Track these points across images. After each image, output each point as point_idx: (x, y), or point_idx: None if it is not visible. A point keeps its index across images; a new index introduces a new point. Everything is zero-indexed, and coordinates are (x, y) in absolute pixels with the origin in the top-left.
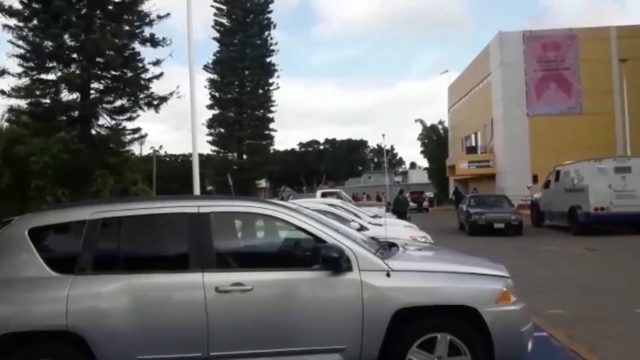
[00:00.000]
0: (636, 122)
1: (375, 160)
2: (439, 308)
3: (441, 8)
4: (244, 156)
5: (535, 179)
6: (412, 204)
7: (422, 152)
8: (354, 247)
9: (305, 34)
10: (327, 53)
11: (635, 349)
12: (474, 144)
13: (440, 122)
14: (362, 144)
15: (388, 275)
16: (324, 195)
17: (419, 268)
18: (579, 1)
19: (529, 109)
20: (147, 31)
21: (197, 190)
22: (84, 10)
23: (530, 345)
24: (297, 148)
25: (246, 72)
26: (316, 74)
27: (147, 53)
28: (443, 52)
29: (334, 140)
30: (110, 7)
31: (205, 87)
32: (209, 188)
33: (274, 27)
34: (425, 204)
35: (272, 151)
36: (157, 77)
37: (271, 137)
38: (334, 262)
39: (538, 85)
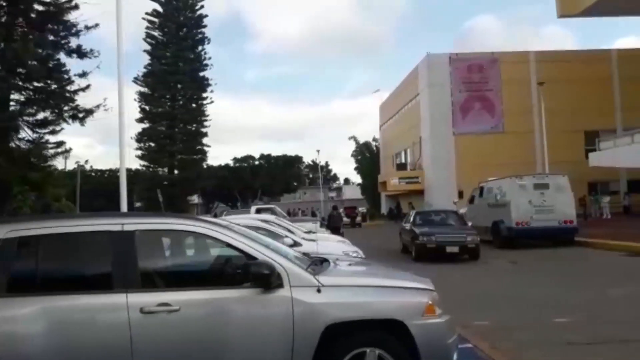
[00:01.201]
0: (553, 141)
1: (311, 176)
2: (368, 322)
3: (372, 29)
4: (175, 171)
5: (460, 194)
6: (345, 219)
7: (355, 168)
8: (285, 264)
9: (239, 50)
10: (262, 69)
11: (554, 356)
12: (404, 161)
13: (375, 140)
14: (298, 159)
15: (319, 290)
16: (258, 211)
17: (349, 283)
18: (499, 25)
19: (455, 128)
20: (73, 42)
21: (124, 206)
22: (4, 18)
23: (455, 356)
24: (231, 163)
25: (179, 85)
26: (251, 89)
27: (73, 64)
28: (375, 71)
29: (269, 155)
30: (33, 16)
31: (135, 100)
32: (138, 204)
33: (208, 42)
34: (359, 219)
35: (205, 166)
36: (84, 89)
37: (204, 152)
38: (265, 279)
39: (463, 105)
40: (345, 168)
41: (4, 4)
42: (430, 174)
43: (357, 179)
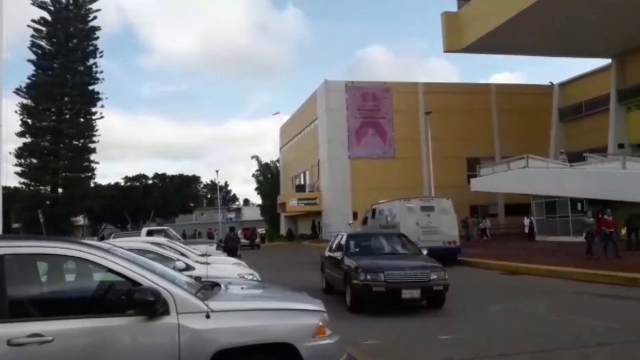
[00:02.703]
0: (438, 167)
1: (209, 196)
2: (259, 347)
3: (271, 51)
4: (59, 190)
5: (355, 215)
6: (244, 241)
7: (256, 189)
8: (172, 289)
9: (132, 64)
10: (157, 85)
11: None
12: (302, 183)
13: (278, 161)
14: (195, 179)
15: (207, 316)
16: (150, 233)
17: (239, 307)
18: (390, 56)
19: (351, 152)
20: None
21: None
22: None
23: None
24: (122, 182)
25: (65, 98)
26: (144, 105)
27: None
28: (275, 93)
29: (164, 175)
30: None
31: (16, 112)
32: (16, 225)
33: (100, 55)
34: (258, 240)
35: (92, 185)
36: None
37: (92, 170)
38: (149, 306)
39: (358, 131)
40: (245, 189)
41: None
42: (327, 195)
43: (257, 199)
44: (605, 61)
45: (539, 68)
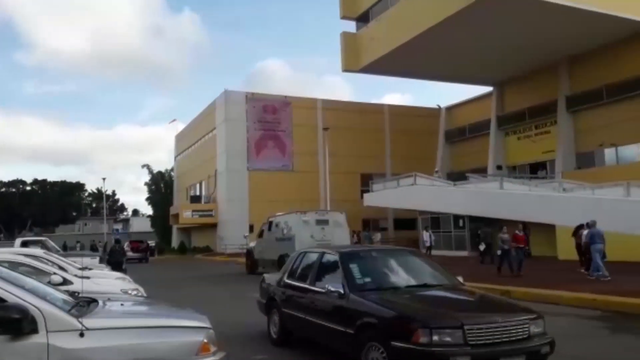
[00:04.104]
0: (335, 181)
1: (94, 205)
2: None
3: (166, 57)
4: None
5: (251, 228)
6: (131, 254)
7: (147, 198)
8: (42, 306)
9: (9, 61)
10: (37, 84)
11: None
12: (198, 194)
13: (172, 170)
14: (79, 187)
15: (81, 335)
16: (25, 244)
17: (118, 325)
18: (289, 70)
19: (249, 164)
20: None
21: None
22: None
23: None
24: None
25: None
26: (22, 105)
27: None
28: (170, 100)
29: (44, 181)
30: None
31: None
32: None
33: None
34: (147, 253)
35: None
36: None
37: None
38: (15, 324)
39: (258, 143)
40: (134, 198)
41: None
42: (224, 207)
43: (148, 210)
44: (488, 89)
45: (428, 91)
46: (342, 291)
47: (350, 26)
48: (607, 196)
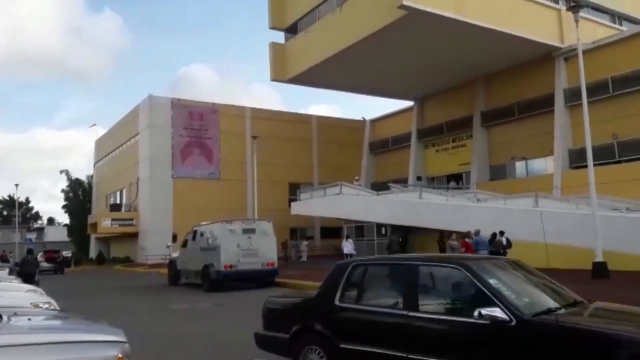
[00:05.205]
0: (262, 190)
1: (5, 213)
2: None
3: (87, 59)
4: None
5: (174, 238)
6: (45, 265)
7: (64, 207)
8: None
9: None
10: None
11: None
12: (119, 202)
13: (92, 177)
14: None
15: None
16: None
17: (23, 341)
18: (216, 76)
19: (174, 171)
20: None
21: None
22: None
23: None
24: None
25: None
26: None
27: None
28: (91, 104)
29: None
30: None
31: None
32: None
33: None
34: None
35: None
36: None
37: None
38: None
39: (183, 150)
40: (50, 206)
41: None
42: (146, 216)
43: (64, 218)
44: (410, 103)
45: (355, 102)
46: (506, 317)
47: (279, 36)
48: (517, 206)
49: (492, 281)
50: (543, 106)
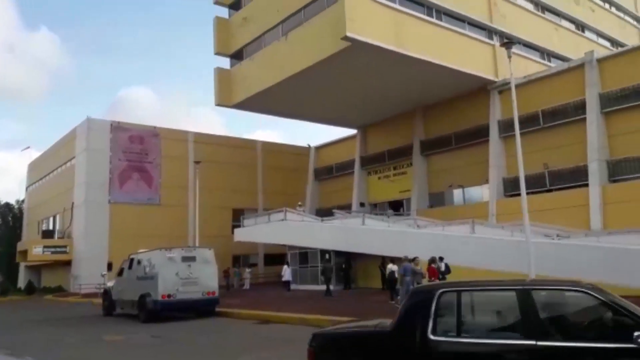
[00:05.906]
0: (205, 216)
1: None
2: None
3: (20, 77)
4: None
5: (109, 266)
6: None
7: None
8: None
9: None
10: None
11: None
12: (52, 228)
13: (23, 201)
14: None
15: None
16: None
17: None
18: (155, 99)
19: (112, 196)
20: None
21: None
22: None
23: None
24: None
25: None
26: None
27: None
28: (24, 126)
29: None
30: None
31: None
32: None
33: None
34: None
35: None
36: None
37: None
38: None
39: (122, 174)
40: None
41: None
42: (80, 243)
43: None
44: (353, 131)
45: (300, 128)
46: None
47: (225, 62)
48: (455, 233)
49: (624, 304)
50: (479, 136)
